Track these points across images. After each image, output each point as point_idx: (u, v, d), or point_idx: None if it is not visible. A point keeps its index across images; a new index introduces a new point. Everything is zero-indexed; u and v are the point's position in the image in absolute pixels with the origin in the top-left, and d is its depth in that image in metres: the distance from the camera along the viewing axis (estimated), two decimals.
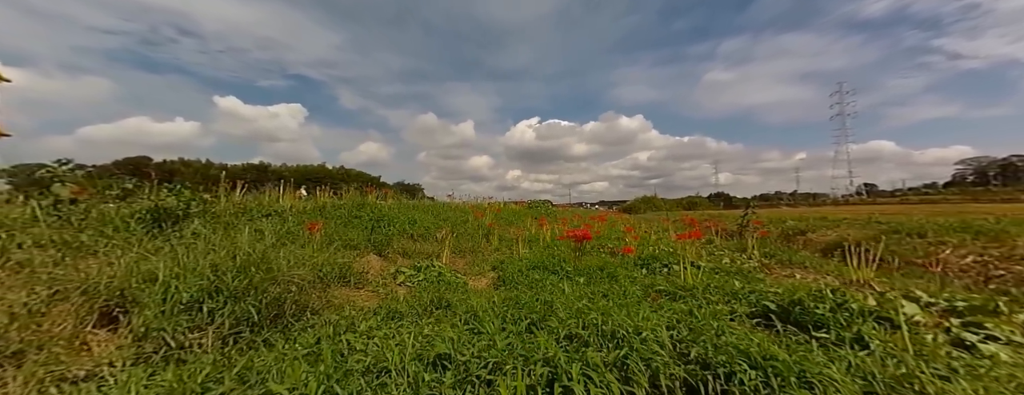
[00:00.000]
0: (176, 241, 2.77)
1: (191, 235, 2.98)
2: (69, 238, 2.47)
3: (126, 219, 2.95)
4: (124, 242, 2.61)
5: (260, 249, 2.61)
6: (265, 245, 2.72)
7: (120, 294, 1.95)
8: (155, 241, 2.77)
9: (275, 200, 5.40)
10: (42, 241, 2.34)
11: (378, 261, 4.35)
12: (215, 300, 2.06)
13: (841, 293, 1.95)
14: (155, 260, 2.25)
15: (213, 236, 3.15)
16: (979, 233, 4.88)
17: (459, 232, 6.76)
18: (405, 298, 3.05)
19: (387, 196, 8.22)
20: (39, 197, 2.71)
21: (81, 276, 1.97)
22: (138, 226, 2.91)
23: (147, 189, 3.61)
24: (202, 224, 3.25)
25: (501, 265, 4.69)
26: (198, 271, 2.15)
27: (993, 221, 5.26)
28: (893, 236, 5.90)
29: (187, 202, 3.28)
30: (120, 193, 3.98)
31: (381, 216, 5.58)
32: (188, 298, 1.97)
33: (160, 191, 3.54)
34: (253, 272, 2.26)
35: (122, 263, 2.20)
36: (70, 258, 2.23)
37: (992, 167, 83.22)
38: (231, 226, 3.51)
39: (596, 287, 3.10)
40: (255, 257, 2.42)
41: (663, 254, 4.39)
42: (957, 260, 4.38)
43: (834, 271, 3.77)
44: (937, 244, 5.05)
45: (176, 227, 3.09)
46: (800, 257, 4.79)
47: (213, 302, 2.03)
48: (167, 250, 2.49)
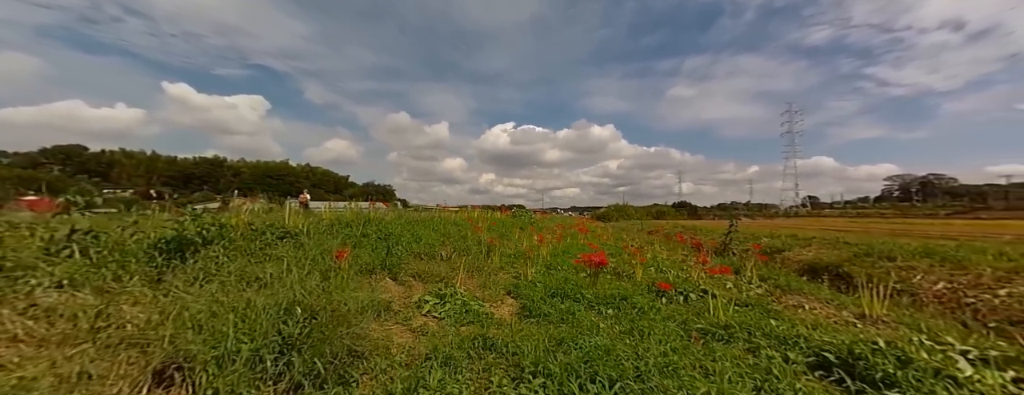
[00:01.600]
0: (203, 275, 2.54)
1: (214, 266, 2.74)
2: (91, 276, 2.18)
3: (147, 250, 2.65)
4: (150, 279, 2.35)
5: (315, 286, 2.44)
6: (322, 283, 2.55)
7: (172, 346, 1.74)
8: (182, 275, 2.52)
9: (280, 214, 5.05)
10: (63, 280, 2.05)
11: (395, 287, 4.17)
12: (272, 350, 1.89)
13: (896, 346, 2.09)
14: (197, 304, 2.05)
15: (231, 265, 2.92)
16: (944, 259, 5.42)
17: (460, 248, 6.64)
18: (442, 334, 2.95)
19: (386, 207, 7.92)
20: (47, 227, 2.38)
21: (127, 327, 1.75)
22: (159, 258, 2.63)
23: (154, 207, 3.27)
24: (223, 252, 2.99)
25: (516, 289, 4.64)
26: (253, 317, 1.98)
27: (953, 247, 5.86)
28: (866, 259, 6.43)
29: (206, 228, 3.01)
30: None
31: (388, 234, 5.37)
32: (248, 351, 1.79)
33: (170, 208, 3.23)
34: (321, 318, 2.10)
35: (163, 307, 1.97)
36: (100, 301, 1.97)
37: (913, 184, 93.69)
38: (250, 253, 3.25)
39: (630, 322, 3.14)
40: (319, 300, 2.26)
41: (677, 281, 4.53)
42: (929, 286, 4.84)
43: (843, 302, 4.04)
44: (907, 269, 5.56)
45: (196, 256, 2.82)
46: (798, 283, 5.09)
47: (272, 353, 1.86)
48: (207, 291, 2.27)
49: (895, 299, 3.55)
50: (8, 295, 1.77)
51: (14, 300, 1.73)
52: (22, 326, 1.58)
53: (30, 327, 1.61)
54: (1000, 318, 3.69)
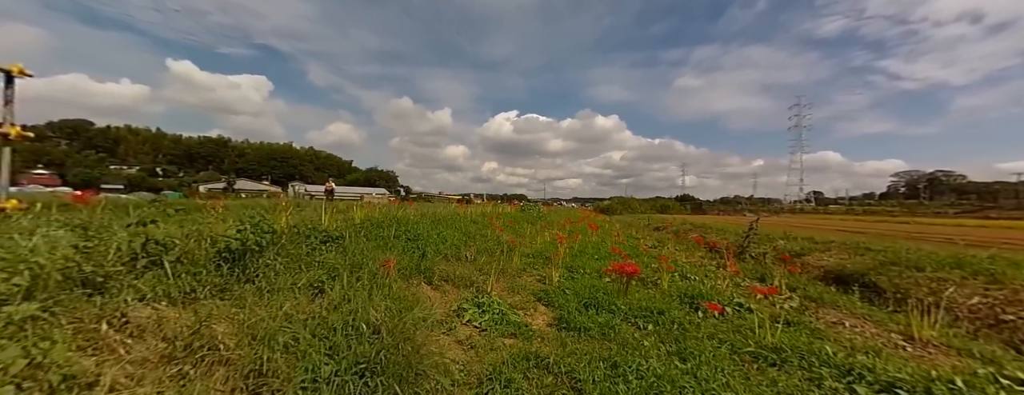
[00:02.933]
0: (265, 285, 2.55)
1: (272, 274, 2.74)
2: (169, 288, 2.17)
3: (213, 258, 2.63)
4: (219, 289, 2.34)
5: (369, 298, 2.42)
6: (374, 293, 2.54)
7: (259, 366, 1.73)
8: (247, 285, 2.51)
9: (314, 212, 5.04)
10: (146, 294, 2.03)
11: (431, 292, 4.16)
12: (350, 371, 1.88)
13: (975, 388, 2.05)
14: (272, 321, 2.04)
15: (287, 274, 2.91)
16: (977, 271, 5.35)
17: (482, 248, 6.62)
18: (489, 347, 2.95)
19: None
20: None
21: (219, 347, 1.73)
22: (225, 267, 2.62)
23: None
24: (277, 259, 2.97)
25: (546, 296, 4.63)
26: (326, 334, 1.97)
27: (985, 259, 5.77)
28: (892, 268, 6.36)
29: (263, 235, 2.98)
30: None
31: (417, 235, 5.34)
32: (330, 373, 1.78)
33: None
34: (383, 335, 2.09)
35: (241, 322, 1.96)
36: (190, 317, 1.96)
37: (921, 181, 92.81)
38: (298, 259, 3.23)
39: (675, 341, 3.12)
40: (381, 315, 2.25)
41: (710, 292, 4.49)
42: (963, 300, 4.79)
43: (881, 319, 4.00)
44: (938, 280, 5.50)
45: (255, 264, 2.80)
46: (830, 295, 5.05)
47: (351, 374, 1.85)
48: (276, 303, 2.27)
49: (931, 315, 3.49)
50: (105, 311, 1.74)
51: (110, 317, 1.71)
52: (123, 344, 1.56)
53: (129, 345, 1.58)
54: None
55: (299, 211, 5.37)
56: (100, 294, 1.88)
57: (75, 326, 1.56)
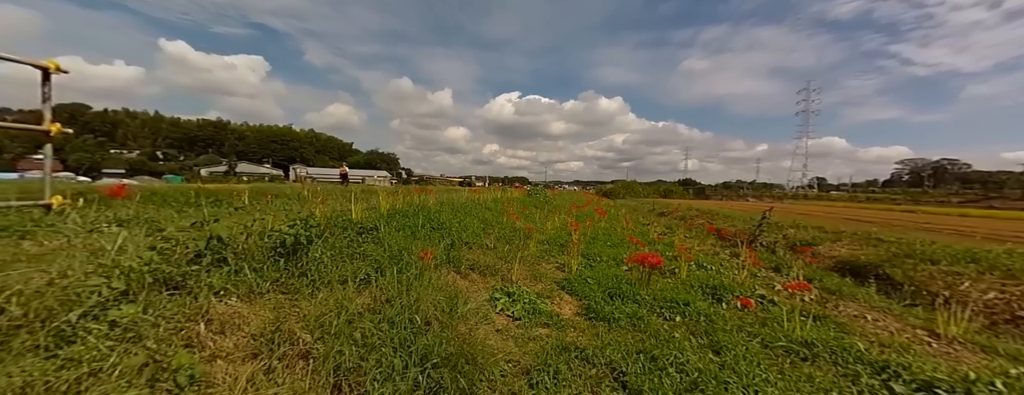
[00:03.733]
0: (318, 277, 2.64)
1: (322, 268, 2.83)
2: (237, 283, 2.25)
3: (268, 253, 2.70)
4: (280, 284, 2.43)
5: (412, 288, 2.50)
6: (417, 283, 2.63)
7: (335, 360, 1.82)
8: (302, 278, 2.60)
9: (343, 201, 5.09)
10: (219, 290, 2.11)
11: (461, 281, 4.26)
12: (415, 363, 1.98)
13: (1014, 388, 2.13)
14: (336, 315, 2.14)
15: (334, 266, 2.99)
16: (992, 266, 5.43)
17: (498, 235, 6.71)
18: (526, 337, 3.05)
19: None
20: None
21: (297, 341, 1.82)
22: (281, 262, 2.69)
23: None
24: (324, 251, 3.05)
25: (569, 285, 4.73)
26: (388, 330, 2.07)
27: (1002, 253, 5.83)
28: (907, 261, 6.44)
29: (311, 229, 3.05)
30: None
31: (441, 223, 5.42)
32: (400, 365, 1.89)
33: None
34: (433, 326, 2.19)
35: (310, 316, 2.06)
36: (256, 310, 2.04)
37: (925, 169, 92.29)
38: (340, 250, 3.31)
39: (705, 333, 3.22)
40: (429, 307, 2.35)
41: (731, 284, 4.58)
42: (979, 295, 4.88)
43: (901, 313, 4.10)
44: (953, 274, 5.59)
45: (305, 258, 2.88)
46: (849, 288, 5.14)
47: (417, 367, 1.96)
48: (335, 299, 2.37)
49: (955, 311, 3.58)
50: (191, 310, 1.82)
51: (195, 316, 1.78)
52: (213, 341, 1.64)
53: (219, 342, 1.66)
54: None
55: (324, 200, 5.40)
56: (181, 293, 1.95)
57: (173, 325, 1.63)
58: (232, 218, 3.40)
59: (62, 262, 2.03)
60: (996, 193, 53.73)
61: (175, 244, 2.33)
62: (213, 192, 8.35)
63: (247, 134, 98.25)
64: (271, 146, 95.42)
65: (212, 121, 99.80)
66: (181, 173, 59.56)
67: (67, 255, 2.44)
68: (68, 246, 2.69)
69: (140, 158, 73.93)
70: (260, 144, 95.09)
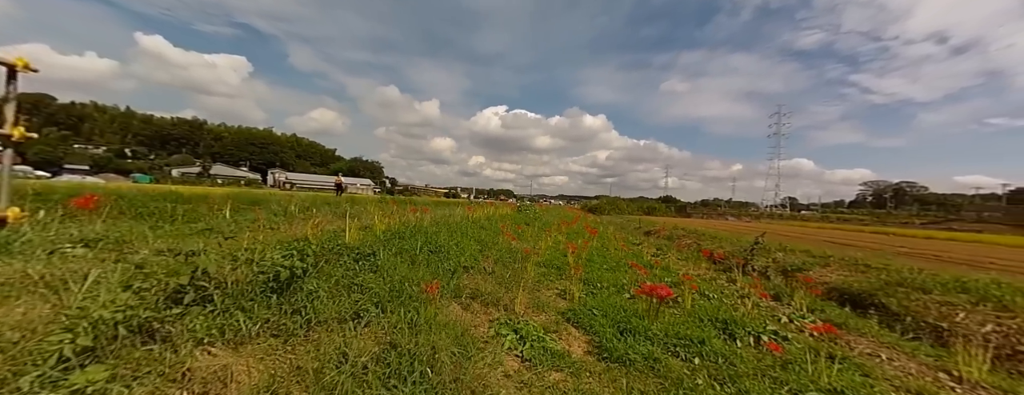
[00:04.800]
0: (313, 316, 2.34)
1: (319, 304, 2.52)
2: (224, 327, 1.94)
3: (260, 288, 2.38)
4: (272, 326, 2.12)
5: (432, 340, 2.24)
6: (425, 323, 2.35)
7: None
8: (296, 317, 2.29)
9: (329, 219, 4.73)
10: (203, 337, 1.79)
11: (461, 313, 3.98)
12: None
13: None
14: (333, 362, 1.85)
15: (331, 302, 2.68)
16: (984, 298, 5.54)
17: (495, 258, 6.46)
18: (542, 385, 2.81)
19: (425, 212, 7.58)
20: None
21: None
22: (273, 298, 2.38)
23: None
24: (318, 284, 2.74)
25: (574, 317, 4.51)
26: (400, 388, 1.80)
27: (990, 283, 5.98)
28: (899, 289, 6.54)
29: (306, 259, 2.75)
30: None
31: (438, 247, 5.13)
32: None
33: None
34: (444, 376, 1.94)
35: (308, 372, 1.77)
36: (244, 360, 1.74)
37: (887, 190, 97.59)
38: (336, 281, 3.00)
39: (730, 378, 3.05)
40: (453, 362, 2.09)
41: (742, 318, 4.47)
42: (976, 327, 4.94)
43: (913, 350, 4.05)
44: (946, 304, 5.67)
45: (298, 292, 2.57)
46: (854, 321, 5.12)
47: None
48: (334, 343, 2.08)
49: (972, 351, 3.56)
50: (168, 365, 1.51)
51: (175, 373, 1.48)
52: None
53: None
54: None
55: (314, 220, 5.05)
56: (158, 343, 1.64)
57: (148, 389, 1.34)
58: (214, 238, 3.06)
59: (16, 307, 1.69)
60: (954, 215, 57.07)
61: (153, 283, 2.01)
62: (188, 198, 7.80)
63: (224, 135, 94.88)
64: (249, 149, 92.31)
65: (187, 120, 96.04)
66: (151, 173, 56.66)
67: (23, 290, 2.08)
68: (23, 278, 2.31)
69: (107, 155, 69.95)
70: (238, 146, 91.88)
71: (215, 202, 7.93)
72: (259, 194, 11.85)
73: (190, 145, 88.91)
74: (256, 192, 14.87)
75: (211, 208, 6.46)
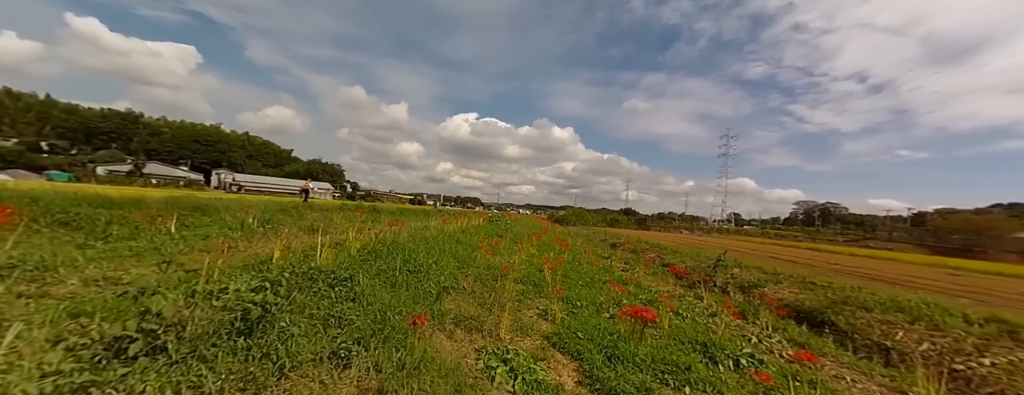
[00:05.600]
0: (287, 361, 2.02)
1: (292, 344, 2.19)
2: (181, 380, 1.58)
3: (223, 330, 2.00)
4: (239, 376, 1.78)
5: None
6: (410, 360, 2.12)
7: None
8: (265, 363, 1.96)
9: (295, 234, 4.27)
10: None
11: (445, 340, 3.72)
12: None
13: None
14: None
15: (305, 341, 2.35)
16: (917, 317, 6.14)
17: (474, 276, 6.25)
18: None
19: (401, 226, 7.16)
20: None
21: None
22: (239, 341, 2.01)
23: None
24: (290, 319, 2.40)
25: (560, 340, 4.39)
26: None
27: (921, 303, 6.64)
28: (845, 307, 7.10)
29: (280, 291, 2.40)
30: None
31: (418, 266, 4.83)
32: None
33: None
34: None
35: None
36: None
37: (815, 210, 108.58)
38: (314, 317, 2.66)
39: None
40: None
41: (720, 341, 4.58)
42: (915, 345, 5.44)
43: (870, 370, 4.35)
44: (887, 323, 6.23)
45: (269, 330, 2.22)
46: (817, 342, 5.44)
47: None
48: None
49: (930, 375, 3.88)
50: None
51: None
52: None
53: None
54: (991, 390, 4.20)
55: (277, 232, 4.59)
56: None
57: None
58: (160, 262, 2.63)
59: None
60: (870, 234, 64.46)
61: (91, 333, 1.63)
62: (118, 202, 6.82)
63: (164, 130, 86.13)
64: (192, 146, 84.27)
65: (120, 112, 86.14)
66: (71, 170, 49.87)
67: None
68: None
69: (17, 147, 60.68)
70: (179, 143, 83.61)
71: (152, 209, 6.99)
72: (202, 198, 10.68)
73: (122, 140, 79.51)
74: (199, 195, 13.48)
75: (151, 219, 5.67)
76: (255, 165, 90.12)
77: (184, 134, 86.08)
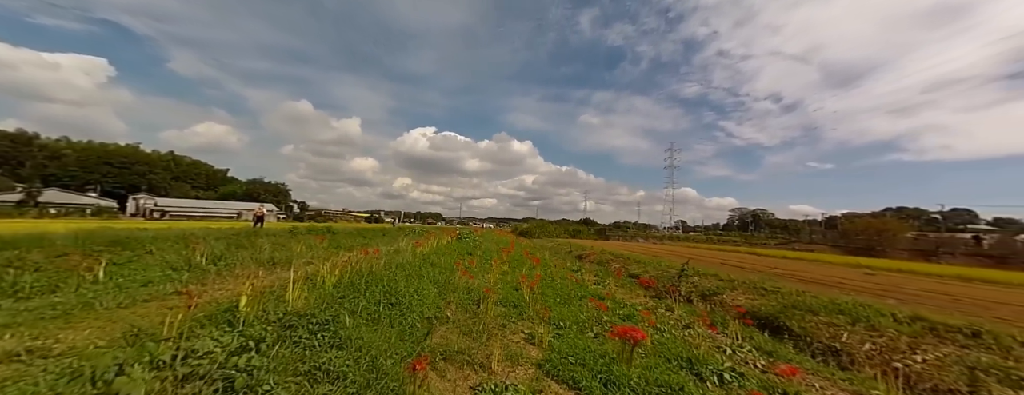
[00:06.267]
0: None
1: None
2: None
3: None
4: None
5: None
6: None
7: None
8: None
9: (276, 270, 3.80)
10: None
11: (437, 379, 3.46)
12: None
13: None
14: None
15: None
16: (855, 319, 6.86)
17: (456, 302, 6.01)
18: None
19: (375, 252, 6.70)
20: None
21: None
22: None
23: None
24: (271, 377, 2.06)
25: (553, 368, 4.29)
26: None
27: (855, 304, 7.44)
28: (795, 311, 7.75)
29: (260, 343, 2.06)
30: None
31: (400, 299, 4.53)
32: None
33: None
34: None
35: None
36: None
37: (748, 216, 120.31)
38: (299, 373, 2.32)
39: None
40: None
41: (704, 356, 4.76)
42: (858, 346, 6.05)
43: (833, 375, 4.72)
44: (832, 325, 6.88)
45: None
46: (783, 350, 5.83)
47: None
48: None
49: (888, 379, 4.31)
50: None
51: None
52: None
53: None
54: (928, 386, 4.76)
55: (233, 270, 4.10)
56: None
57: None
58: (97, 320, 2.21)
59: None
60: (795, 238, 72.26)
61: None
62: (10, 242, 5.70)
63: (65, 152, 74.60)
64: (103, 169, 73.63)
65: (9, 133, 73.76)
66: None
67: None
68: None
69: None
70: (85, 166, 72.71)
71: (62, 250, 5.87)
72: (120, 230, 9.25)
73: (11, 165, 67.57)
74: (115, 226, 11.76)
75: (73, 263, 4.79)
76: (182, 187, 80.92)
77: (91, 156, 75.34)
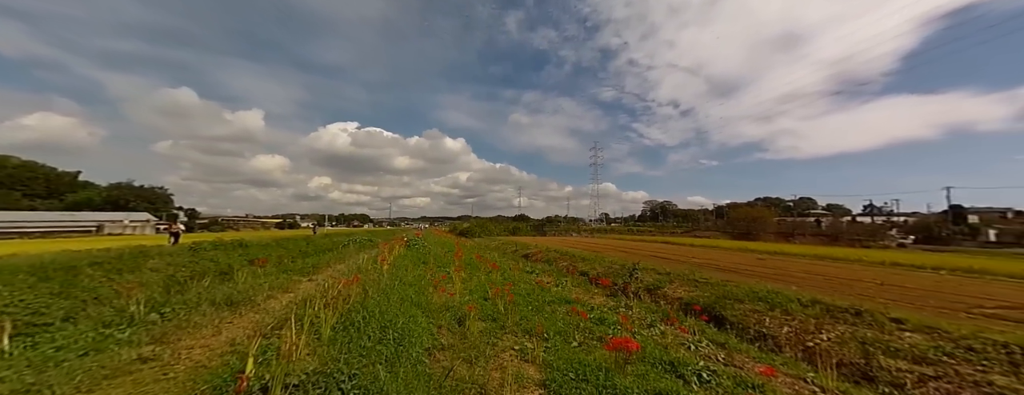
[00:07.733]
0: None
1: None
2: None
3: None
4: None
5: None
6: None
7: None
8: None
9: None
10: None
11: None
12: None
13: None
14: None
15: None
16: (772, 305, 8.28)
17: (445, 325, 5.81)
18: None
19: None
20: None
21: None
22: None
23: None
24: None
25: (555, 386, 4.43)
26: None
27: (772, 294, 8.96)
28: (726, 301, 9.05)
29: None
30: None
31: (400, 332, 4.22)
32: None
33: None
34: None
35: None
36: None
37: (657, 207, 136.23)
38: None
39: None
40: None
41: (685, 358, 5.33)
42: (779, 330, 7.35)
43: (778, 362, 5.66)
44: (756, 312, 8.21)
45: None
46: (732, 341, 6.76)
47: None
48: None
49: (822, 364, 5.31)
50: None
51: None
52: None
53: None
54: (835, 360, 6.01)
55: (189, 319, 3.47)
56: None
57: None
58: None
59: None
60: (696, 226, 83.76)
61: None
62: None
63: None
64: None
65: None
66: None
67: None
68: None
69: None
70: None
71: None
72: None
73: None
74: None
75: None
76: (9, 196, 62.21)
77: None
